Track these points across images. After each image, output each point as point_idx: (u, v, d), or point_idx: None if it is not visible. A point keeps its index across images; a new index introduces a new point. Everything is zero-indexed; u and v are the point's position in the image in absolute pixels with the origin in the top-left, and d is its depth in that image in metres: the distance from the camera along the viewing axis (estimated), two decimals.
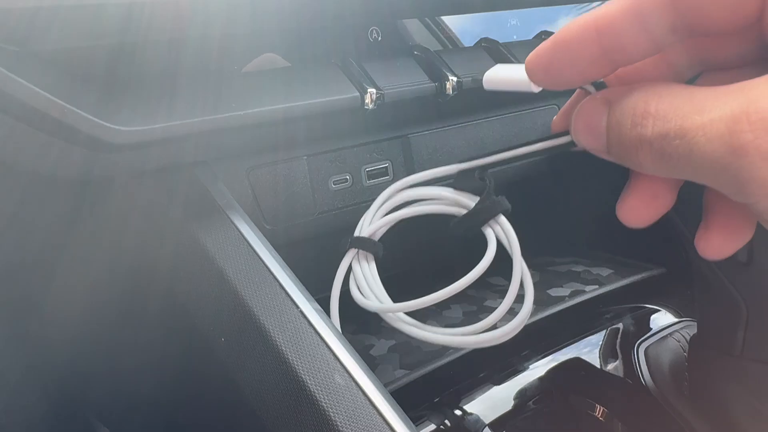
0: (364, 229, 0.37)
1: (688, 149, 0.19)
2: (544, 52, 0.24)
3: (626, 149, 0.21)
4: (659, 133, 0.20)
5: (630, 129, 0.21)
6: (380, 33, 0.45)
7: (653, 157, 0.20)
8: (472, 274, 0.35)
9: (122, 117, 0.34)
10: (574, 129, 0.23)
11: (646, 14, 0.21)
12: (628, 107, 0.21)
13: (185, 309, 0.38)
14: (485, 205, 0.33)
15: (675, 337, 0.46)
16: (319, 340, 0.33)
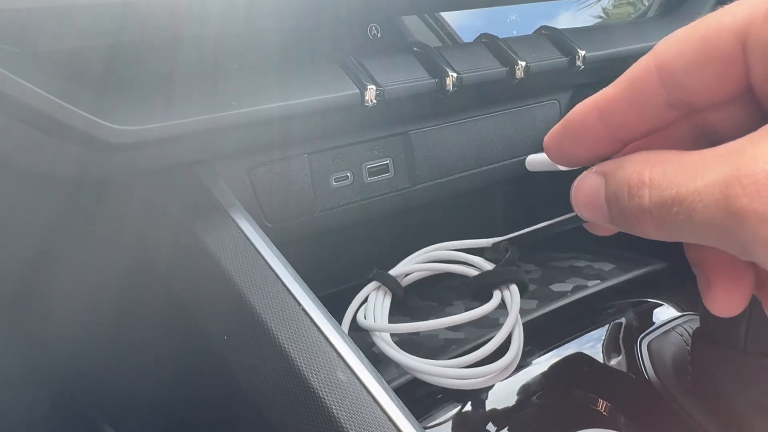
0: (398, 269, 0.41)
1: (688, 216, 0.19)
2: (555, 134, 0.24)
3: (629, 220, 0.21)
4: (657, 203, 0.20)
5: (628, 200, 0.21)
6: (379, 30, 0.45)
7: (655, 225, 0.20)
8: (468, 315, 0.38)
9: (121, 116, 0.34)
10: (575, 203, 0.24)
11: (640, 95, 0.22)
12: (623, 179, 0.21)
13: (187, 307, 0.38)
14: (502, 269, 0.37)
15: (678, 331, 0.46)
16: (321, 338, 0.33)
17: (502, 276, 0.37)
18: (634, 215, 0.21)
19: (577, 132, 0.23)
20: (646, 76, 0.21)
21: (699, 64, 0.20)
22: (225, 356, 0.35)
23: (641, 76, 0.22)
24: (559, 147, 0.24)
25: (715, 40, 0.20)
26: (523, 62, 0.48)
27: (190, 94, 0.37)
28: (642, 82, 0.22)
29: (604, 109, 0.22)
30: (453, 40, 0.51)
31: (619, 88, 0.22)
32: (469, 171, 0.55)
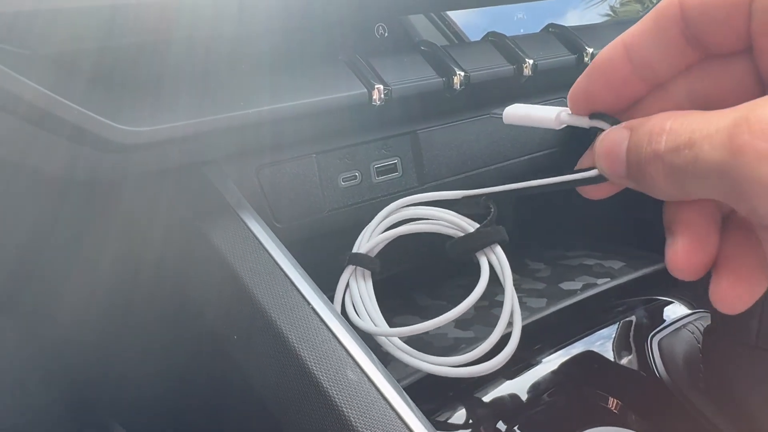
0: (362, 245, 0.38)
1: (694, 158, 0.20)
2: (582, 80, 0.26)
3: (641, 168, 0.22)
4: (670, 147, 0.21)
5: (646, 146, 0.22)
6: (387, 29, 0.45)
7: (664, 172, 0.21)
8: (467, 302, 0.35)
9: (131, 117, 0.34)
10: (597, 155, 0.25)
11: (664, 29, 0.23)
12: (647, 128, 0.22)
13: (197, 307, 0.38)
14: (482, 231, 0.34)
15: (689, 328, 0.46)
16: (330, 336, 0.33)
17: (485, 238, 0.34)
18: (649, 160, 0.22)
19: (604, 72, 0.25)
20: (671, 9, 0.23)
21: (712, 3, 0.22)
22: (235, 356, 0.35)
23: (666, 10, 0.23)
24: (586, 91, 0.26)
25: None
26: (531, 60, 0.48)
27: (199, 95, 0.37)
28: (666, 17, 0.23)
29: (630, 45, 0.24)
30: (460, 39, 0.51)
31: (645, 23, 0.24)
32: (477, 170, 0.55)
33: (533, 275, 0.58)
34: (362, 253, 0.38)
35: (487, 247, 0.35)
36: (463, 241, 0.34)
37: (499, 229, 0.34)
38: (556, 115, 0.27)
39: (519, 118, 0.29)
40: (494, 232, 0.34)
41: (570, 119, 0.27)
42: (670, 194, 0.22)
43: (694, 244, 0.22)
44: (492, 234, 0.34)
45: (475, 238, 0.34)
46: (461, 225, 0.35)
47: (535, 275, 0.58)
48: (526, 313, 0.50)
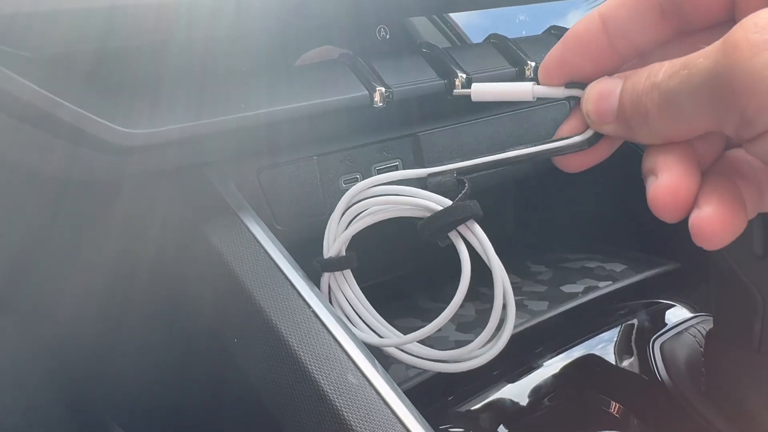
0: (330, 248, 0.36)
1: (688, 75, 0.20)
2: (556, 50, 0.26)
3: (636, 103, 0.22)
4: (668, 74, 0.21)
5: (644, 81, 0.22)
6: (388, 31, 0.45)
7: (659, 99, 0.21)
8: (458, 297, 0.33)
9: (129, 119, 0.34)
10: (585, 100, 0.25)
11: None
12: (645, 69, 0.23)
13: (197, 309, 0.38)
14: (454, 207, 0.30)
15: (691, 332, 0.46)
16: (331, 340, 0.33)
17: (458, 214, 0.31)
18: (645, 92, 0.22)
19: (579, 42, 0.25)
20: None
21: None
22: (234, 359, 0.35)
23: None
24: (560, 61, 0.26)
25: None
26: (533, 63, 0.48)
27: (198, 97, 0.37)
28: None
29: (606, 16, 0.24)
30: (462, 41, 0.51)
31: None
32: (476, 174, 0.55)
33: (534, 278, 0.58)
34: (333, 257, 0.36)
35: (461, 225, 0.31)
36: (434, 219, 0.31)
37: (473, 204, 0.31)
38: (531, 88, 0.27)
39: (491, 95, 0.29)
40: (467, 207, 0.30)
41: (545, 90, 0.27)
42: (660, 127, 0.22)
43: (677, 179, 0.22)
44: (465, 209, 0.30)
45: (446, 215, 0.31)
46: (428, 206, 0.31)
47: (537, 278, 0.58)
48: (527, 315, 0.50)
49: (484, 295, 0.55)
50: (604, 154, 0.27)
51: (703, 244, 0.22)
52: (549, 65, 0.26)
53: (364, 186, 0.32)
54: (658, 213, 0.22)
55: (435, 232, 0.31)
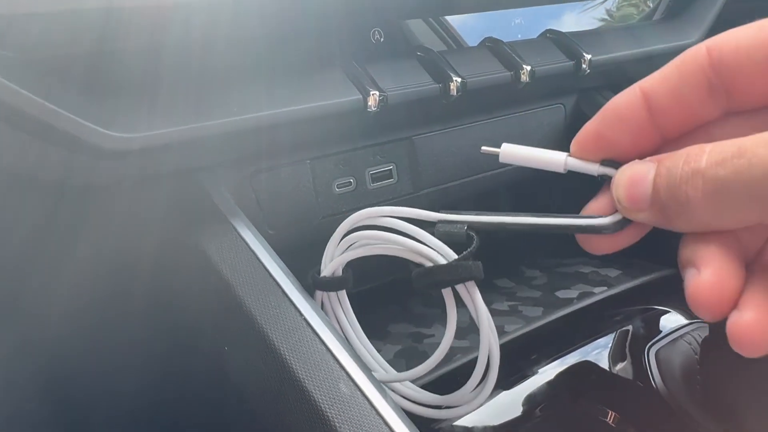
0: (326, 266, 0.34)
1: (747, 164, 0.19)
2: (593, 124, 0.25)
3: (674, 190, 0.21)
4: (715, 161, 0.20)
5: (683, 166, 0.21)
6: (382, 34, 0.45)
7: (705, 189, 0.20)
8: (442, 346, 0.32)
9: (123, 123, 0.33)
10: (616, 185, 0.23)
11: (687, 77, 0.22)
12: (681, 153, 0.21)
13: (188, 317, 0.37)
14: (457, 265, 0.28)
15: (686, 339, 0.46)
16: (323, 349, 0.32)
17: (459, 274, 0.29)
18: (686, 179, 0.20)
19: (621, 118, 0.24)
20: (697, 56, 0.22)
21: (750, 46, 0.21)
22: (226, 368, 0.35)
23: (692, 56, 0.22)
24: (597, 136, 0.24)
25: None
26: (528, 66, 0.48)
27: (192, 101, 0.36)
28: (691, 62, 0.22)
29: (649, 92, 0.23)
30: (457, 44, 0.51)
31: (667, 69, 0.23)
32: (474, 176, 0.55)
33: (529, 283, 0.58)
34: (327, 277, 0.34)
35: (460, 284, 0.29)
36: (432, 273, 0.29)
37: (476, 265, 0.28)
38: (564, 160, 0.26)
39: (520, 159, 0.27)
40: (470, 268, 0.28)
41: (579, 164, 0.25)
42: (704, 218, 0.21)
43: (721, 276, 0.21)
44: (467, 269, 0.28)
45: (445, 272, 0.29)
46: (431, 255, 0.29)
47: (531, 283, 0.58)
48: (521, 322, 0.49)
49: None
50: (631, 240, 0.25)
51: (741, 351, 0.21)
52: (584, 138, 0.25)
53: (370, 214, 0.31)
54: (698, 311, 0.21)
55: (430, 284, 0.29)
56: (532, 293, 0.55)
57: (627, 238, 0.25)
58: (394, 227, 0.30)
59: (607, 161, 0.25)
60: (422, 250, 0.29)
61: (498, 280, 0.59)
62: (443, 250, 0.29)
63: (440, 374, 0.45)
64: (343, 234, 0.32)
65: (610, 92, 0.61)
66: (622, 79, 0.62)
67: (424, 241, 0.29)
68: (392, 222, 0.30)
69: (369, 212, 0.31)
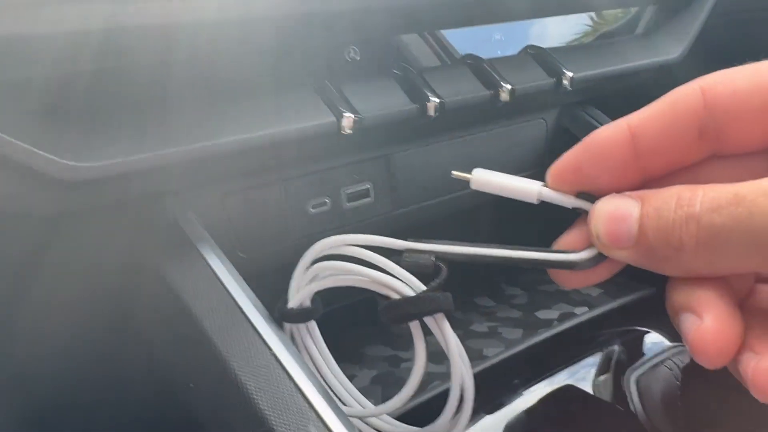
0: (293, 298, 0.32)
1: (747, 214, 0.18)
2: (572, 156, 0.23)
3: (666, 233, 0.20)
4: (709, 207, 0.19)
5: (676, 209, 0.20)
6: (358, 52, 0.43)
7: (699, 235, 0.19)
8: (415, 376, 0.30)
9: (81, 151, 0.31)
10: (595, 222, 0.22)
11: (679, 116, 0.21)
12: (670, 193, 0.20)
13: (151, 351, 0.36)
14: (425, 296, 0.27)
15: (667, 365, 0.45)
16: (293, 388, 0.31)
17: (427, 306, 0.27)
18: (677, 225, 0.20)
19: (602, 152, 0.23)
20: (690, 96, 0.21)
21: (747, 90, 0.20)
22: (191, 405, 0.33)
23: (685, 96, 0.21)
24: (576, 169, 0.23)
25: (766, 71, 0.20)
26: (508, 85, 0.46)
27: (156, 125, 0.34)
28: (684, 102, 0.21)
29: (637, 127, 0.22)
30: (435, 61, 0.50)
31: (658, 107, 0.22)
32: (453, 194, 0.53)
33: (509, 302, 0.57)
34: (295, 309, 0.32)
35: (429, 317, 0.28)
36: (397, 307, 0.28)
37: (445, 297, 0.27)
38: (538, 190, 0.24)
39: (491, 186, 0.26)
40: (437, 300, 0.27)
41: (553, 195, 0.24)
42: (696, 265, 0.20)
43: (724, 323, 0.20)
44: (434, 302, 0.27)
45: (410, 305, 0.27)
46: (398, 287, 0.28)
47: (511, 302, 0.57)
48: (502, 346, 0.48)
49: (459, 320, 0.54)
50: (604, 276, 0.24)
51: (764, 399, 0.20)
52: (562, 169, 0.24)
53: (334, 243, 0.29)
54: (702, 359, 0.20)
55: (397, 318, 0.28)
56: (512, 313, 0.54)
57: (600, 274, 0.24)
58: (360, 256, 0.29)
59: (583, 194, 0.24)
60: (388, 282, 0.28)
61: (478, 299, 0.58)
62: (410, 281, 0.28)
63: (420, 402, 0.44)
64: (309, 264, 0.31)
65: (592, 107, 0.60)
66: (604, 95, 0.61)
67: (391, 271, 0.28)
68: (357, 251, 0.29)
69: (333, 241, 0.29)
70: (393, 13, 0.42)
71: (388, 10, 0.41)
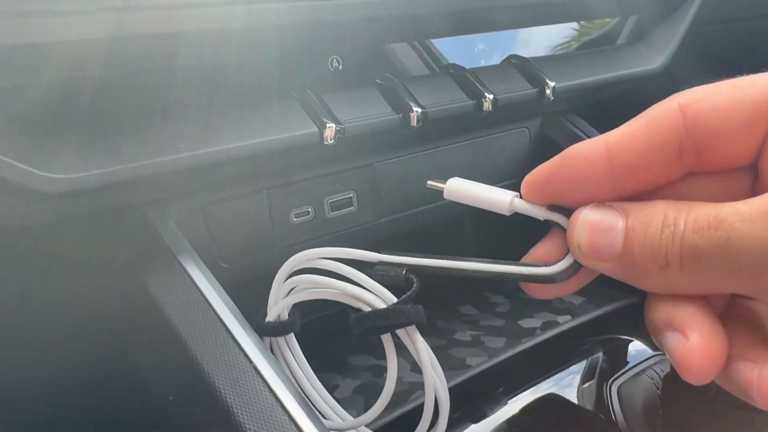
0: (271, 310, 0.33)
1: (725, 237, 0.18)
2: (546, 168, 0.23)
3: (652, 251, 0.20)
4: (692, 228, 0.19)
5: (662, 228, 0.20)
6: (341, 62, 0.43)
7: (683, 255, 0.19)
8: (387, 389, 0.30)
9: (59, 163, 0.31)
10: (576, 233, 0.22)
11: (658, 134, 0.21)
12: (657, 211, 0.20)
13: (131, 364, 0.35)
14: (396, 309, 0.27)
15: (648, 374, 0.45)
16: (273, 400, 0.31)
17: (399, 318, 0.27)
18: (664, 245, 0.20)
19: (578, 169, 0.22)
20: (669, 114, 0.21)
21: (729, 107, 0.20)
22: (171, 419, 0.33)
23: (664, 114, 0.21)
24: (549, 182, 0.23)
25: (748, 88, 0.20)
26: (491, 95, 0.47)
27: (138, 136, 0.34)
28: (663, 120, 0.21)
29: (614, 146, 0.22)
30: (419, 71, 0.50)
31: (636, 125, 0.22)
32: (437, 203, 0.53)
33: (492, 310, 0.57)
34: (272, 322, 0.32)
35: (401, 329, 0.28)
36: (369, 318, 0.28)
37: (416, 309, 0.27)
38: (509, 201, 0.24)
39: (464, 197, 0.26)
40: (406, 312, 0.27)
41: (525, 207, 0.24)
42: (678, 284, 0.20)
43: (710, 340, 0.20)
44: (403, 314, 0.27)
45: (379, 318, 0.27)
46: (369, 300, 0.28)
47: (495, 310, 0.57)
48: (485, 355, 0.48)
49: (442, 329, 0.54)
50: (576, 287, 0.24)
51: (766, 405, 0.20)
52: (535, 182, 0.24)
53: (309, 257, 0.29)
54: (691, 378, 0.20)
55: (368, 330, 0.28)
56: (495, 322, 0.54)
57: (573, 285, 0.24)
58: (333, 270, 0.29)
59: (556, 207, 0.24)
60: (360, 294, 0.28)
61: (461, 307, 0.58)
62: (382, 293, 0.28)
63: (403, 412, 0.43)
64: (285, 277, 0.31)
65: (574, 116, 0.61)
66: (586, 105, 0.61)
67: (363, 284, 0.28)
68: (330, 264, 0.29)
69: (307, 255, 0.30)
70: (375, 23, 0.42)
71: (370, 20, 0.42)
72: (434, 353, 0.51)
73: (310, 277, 0.30)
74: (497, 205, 0.25)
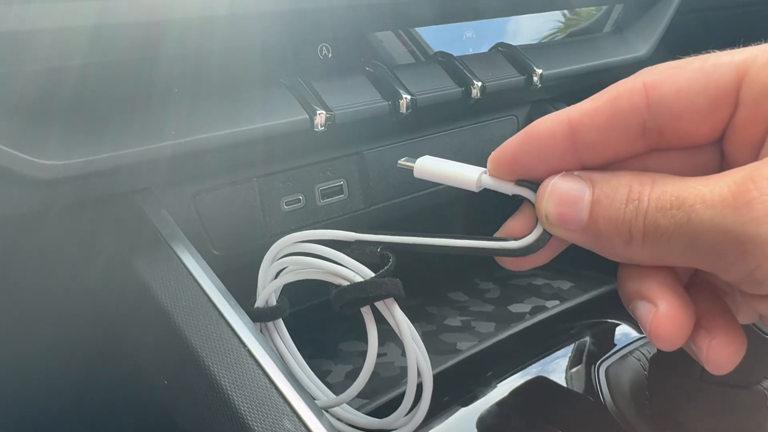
0: (260, 296, 0.34)
1: (686, 218, 0.19)
2: (511, 145, 0.24)
3: (617, 224, 0.21)
4: (655, 206, 0.20)
5: (628, 203, 0.20)
6: (330, 50, 0.44)
7: (646, 231, 0.20)
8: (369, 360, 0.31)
9: (51, 149, 0.31)
10: (546, 200, 0.23)
11: (621, 112, 0.21)
12: (622, 184, 0.21)
13: (125, 349, 0.36)
14: (374, 282, 0.28)
15: (635, 355, 0.46)
16: (267, 382, 0.31)
17: (377, 291, 0.29)
18: (628, 219, 0.20)
19: (541, 144, 0.23)
20: (633, 93, 0.21)
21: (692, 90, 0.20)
22: (166, 402, 0.33)
23: (627, 93, 0.21)
24: (514, 158, 0.24)
25: (712, 71, 0.20)
26: (479, 82, 0.47)
27: (127, 123, 0.34)
28: (627, 99, 0.21)
29: (577, 122, 0.22)
30: (408, 59, 0.50)
31: (599, 102, 0.22)
32: (425, 190, 0.54)
33: (482, 296, 0.58)
34: (261, 308, 0.34)
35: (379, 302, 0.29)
36: (347, 291, 0.29)
37: (394, 282, 0.28)
38: (477, 177, 0.25)
39: (433, 175, 0.26)
40: (383, 285, 0.28)
41: (493, 183, 0.25)
42: (642, 257, 0.21)
43: (678, 308, 0.21)
44: (380, 287, 0.28)
45: (357, 291, 0.29)
46: (347, 275, 0.29)
47: (484, 296, 0.58)
48: (475, 339, 0.49)
49: (432, 315, 0.55)
50: (547, 258, 0.25)
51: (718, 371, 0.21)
52: (500, 158, 0.24)
53: (292, 240, 0.31)
54: (660, 343, 0.21)
55: (348, 303, 0.29)
56: (485, 307, 0.55)
57: (543, 256, 0.25)
58: (313, 252, 0.30)
59: (523, 181, 0.24)
60: (339, 271, 0.29)
61: (452, 293, 0.58)
62: (359, 269, 0.29)
63: (394, 395, 0.44)
64: (270, 262, 0.32)
65: (562, 103, 0.61)
66: (574, 92, 0.62)
67: (341, 262, 0.29)
68: (311, 247, 0.30)
69: (288, 239, 0.31)
70: (365, 10, 0.42)
71: (360, 8, 0.42)
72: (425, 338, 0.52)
73: (293, 258, 0.31)
74: (466, 182, 0.25)
